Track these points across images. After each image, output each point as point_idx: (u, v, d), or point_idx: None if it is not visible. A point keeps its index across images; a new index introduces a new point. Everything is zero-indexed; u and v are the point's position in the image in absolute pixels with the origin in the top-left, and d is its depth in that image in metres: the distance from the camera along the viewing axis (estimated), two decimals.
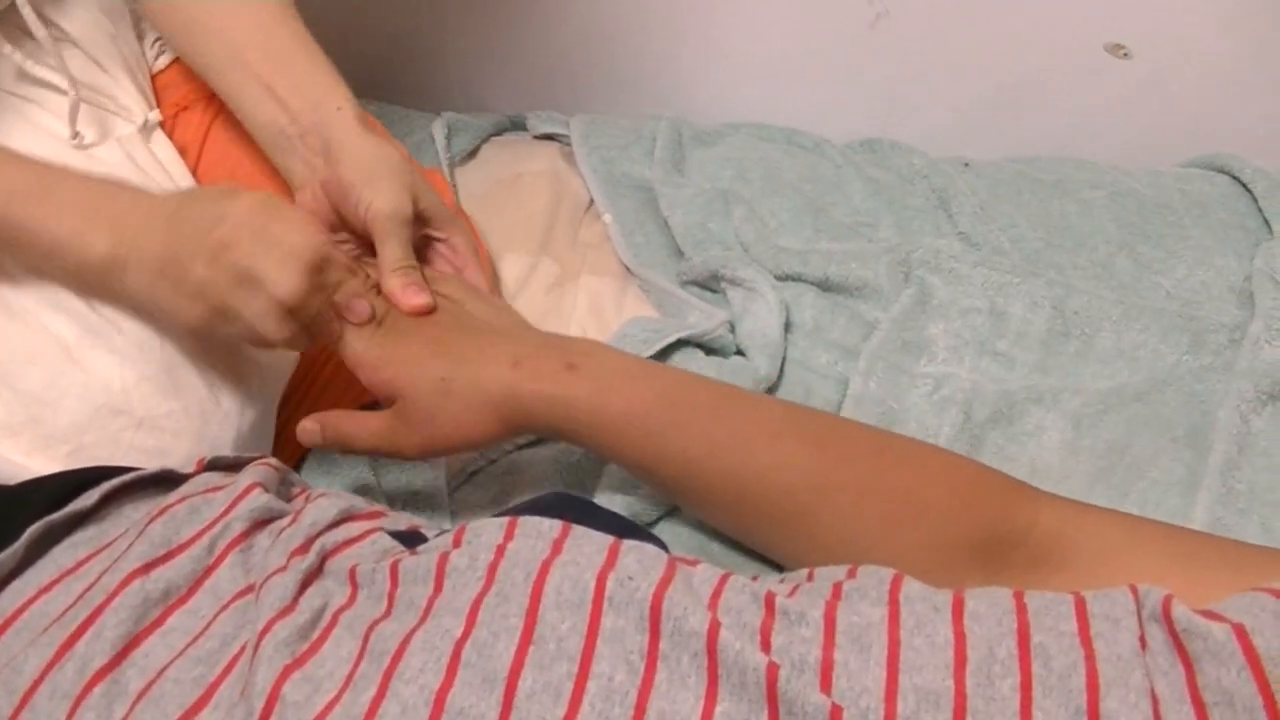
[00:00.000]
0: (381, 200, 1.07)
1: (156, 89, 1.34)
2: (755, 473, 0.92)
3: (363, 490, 1.19)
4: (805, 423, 0.95)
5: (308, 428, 1.06)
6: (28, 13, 1.12)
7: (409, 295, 1.05)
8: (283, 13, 1.18)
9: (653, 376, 0.98)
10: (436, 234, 1.16)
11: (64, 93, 1.16)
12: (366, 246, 1.11)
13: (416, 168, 1.26)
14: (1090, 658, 0.64)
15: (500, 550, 0.76)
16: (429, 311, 1.05)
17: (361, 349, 1.01)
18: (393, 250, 1.07)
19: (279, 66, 1.15)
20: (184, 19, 1.20)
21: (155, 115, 1.27)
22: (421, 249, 1.16)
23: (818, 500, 0.90)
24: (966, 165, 1.59)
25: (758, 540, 0.99)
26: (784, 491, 0.91)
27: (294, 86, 1.14)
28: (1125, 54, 1.65)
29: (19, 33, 1.16)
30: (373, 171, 1.09)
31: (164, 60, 1.35)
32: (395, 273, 1.06)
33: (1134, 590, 0.68)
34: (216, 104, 1.32)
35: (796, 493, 0.91)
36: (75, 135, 1.17)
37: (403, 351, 1.00)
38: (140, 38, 1.33)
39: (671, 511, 1.11)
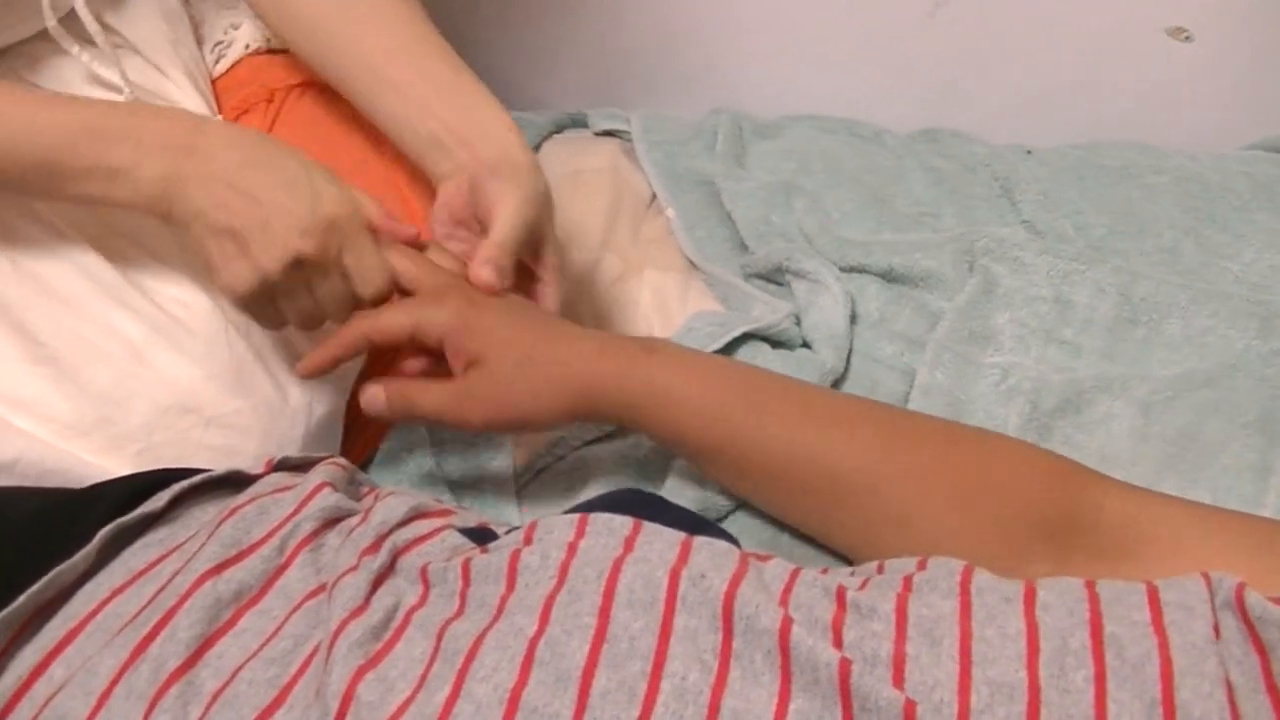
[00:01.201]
0: (513, 195, 1.08)
1: (216, 93, 1.34)
2: (824, 454, 0.93)
3: (428, 480, 1.19)
4: (874, 410, 0.97)
5: (372, 392, 1.05)
6: (87, 17, 1.13)
7: (482, 272, 1.05)
8: (420, 27, 1.20)
9: (726, 364, 1.01)
10: (535, 267, 1.15)
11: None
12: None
13: None
14: (1164, 647, 0.64)
15: (572, 548, 0.76)
16: (494, 291, 1.05)
17: (445, 318, 1.01)
18: (498, 233, 1.07)
19: (428, 81, 1.15)
20: (305, 27, 1.21)
21: (217, 120, 1.28)
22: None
23: (885, 482, 0.90)
24: (1029, 153, 1.58)
25: (822, 525, 0.99)
26: (853, 472, 0.92)
27: (449, 103, 1.14)
28: (1187, 37, 1.64)
29: (81, 40, 1.17)
30: (520, 176, 1.09)
31: (223, 65, 1.35)
32: (489, 249, 1.06)
33: (1206, 578, 0.68)
34: (276, 106, 1.32)
35: (865, 474, 0.91)
36: None
37: (490, 320, 1.01)
38: (200, 43, 1.34)
39: (741, 505, 1.11)
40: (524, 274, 1.15)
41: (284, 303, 1.03)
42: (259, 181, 0.98)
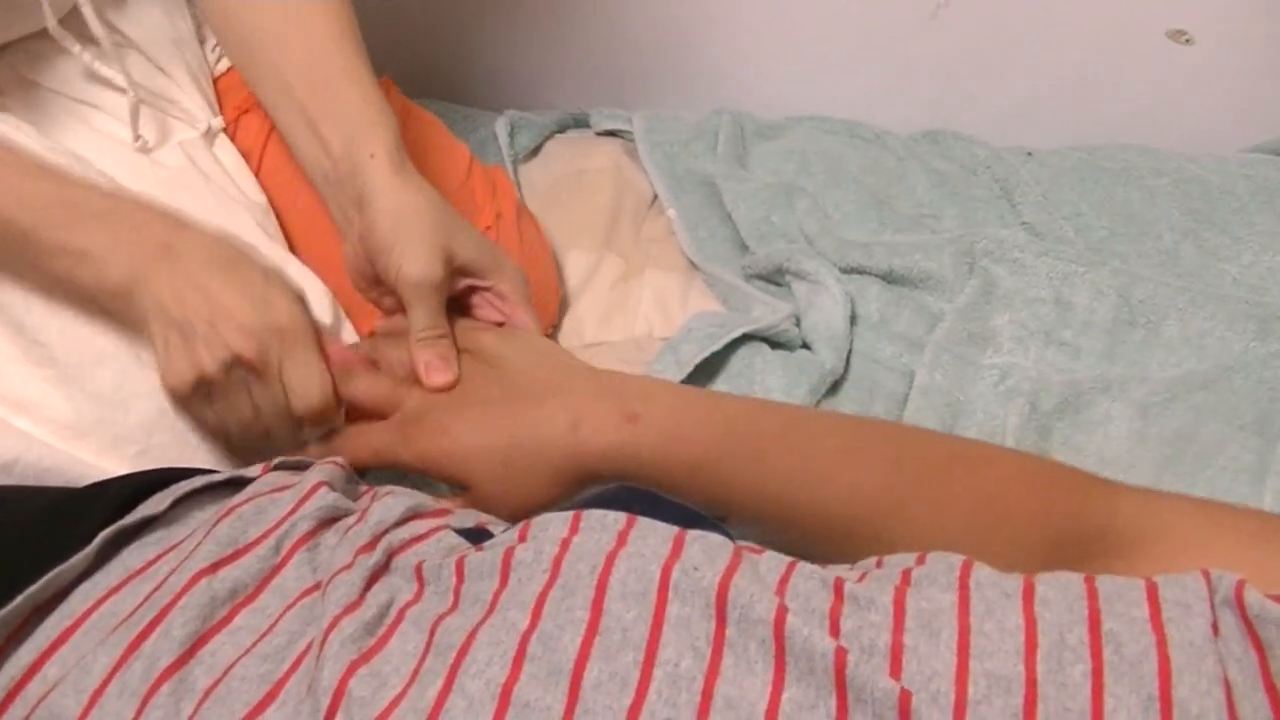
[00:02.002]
0: (409, 266, 1.04)
1: (218, 92, 1.33)
2: (830, 500, 0.92)
3: (427, 480, 1.19)
4: (876, 439, 0.95)
5: None
6: (90, 16, 1.13)
7: (431, 374, 1.04)
8: (339, 37, 1.15)
9: (716, 412, 0.97)
10: (481, 283, 1.13)
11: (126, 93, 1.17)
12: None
13: (487, 177, 1.25)
14: (1162, 644, 0.64)
15: (565, 544, 0.76)
16: (451, 388, 1.05)
17: (413, 456, 1.02)
18: (418, 318, 1.06)
19: (323, 102, 1.12)
20: (239, 37, 1.18)
21: (219, 121, 1.27)
22: (466, 297, 1.14)
23: (896, 519, 0.90)
24: (1029, 155, 1.58)
25: (837, 561, 0.98)
26: (861, 516, 0.91)
27: (335, 126, 1.11)
28: (1187, 40, 1.64)
29: (82, 39, 1.17)
30: (401, 233, 1.06)
31: (225, 64, 1.34)
32: (420, 344, 1.05)
33: (1206, 575, 0.68)
34: None
35: (874, 516, 0.90)
36: (137, 138, 1.18)
37: (453, 446, 1.00)
38: (202, 42, 1.33)
39: None
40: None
41: (222, 406, 1.00)
42: (216, 282, 0.97)
